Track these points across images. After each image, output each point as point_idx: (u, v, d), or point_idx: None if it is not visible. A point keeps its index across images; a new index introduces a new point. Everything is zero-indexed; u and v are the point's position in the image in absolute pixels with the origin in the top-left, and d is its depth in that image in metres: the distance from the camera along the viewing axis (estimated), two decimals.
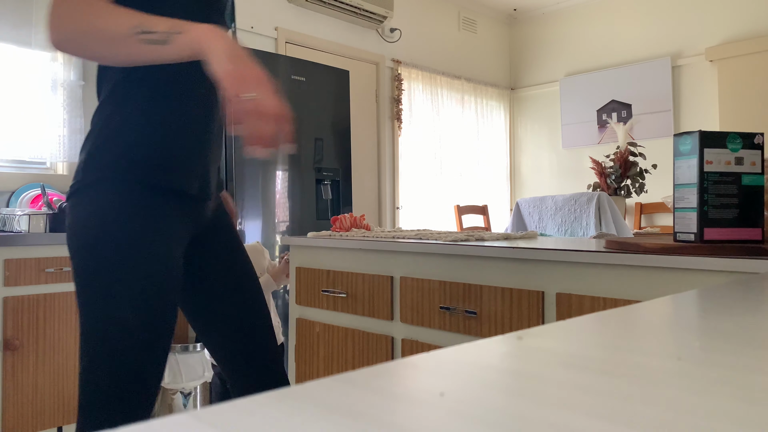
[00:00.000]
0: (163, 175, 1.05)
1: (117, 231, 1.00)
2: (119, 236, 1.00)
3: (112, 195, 1.01)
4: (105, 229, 0.99)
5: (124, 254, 0.99)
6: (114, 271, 0.98)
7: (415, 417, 0.23)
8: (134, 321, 0.99)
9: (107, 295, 0.98)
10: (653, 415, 0.23)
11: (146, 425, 0.22)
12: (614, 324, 0.42)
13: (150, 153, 1.04)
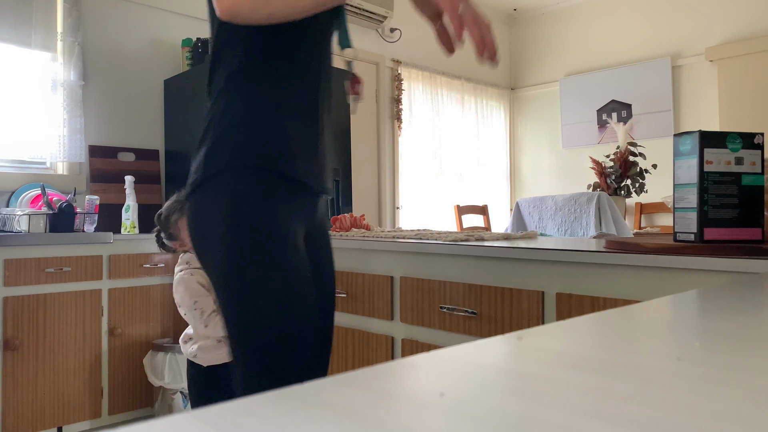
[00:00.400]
0: (285, 164, 1.03)
1: (260, 219, 0.99)
2: (262, 224, 0.99)
3: (244, 184, 0.99)
4: (250, 218, 0.98)
5: (271, 243, 0.99)
6: (265, 259, 0.98)
7: (415, 417, 0.23)
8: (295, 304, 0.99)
9: (264, 281, 0.97)
10: (653, 415, 0.23)
11: (146, 425, 0.22)
12: (614, 324, 0.42)
13: (270, 142, 1.03)
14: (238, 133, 1.02)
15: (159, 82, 3.31)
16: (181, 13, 3.39)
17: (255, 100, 1.03)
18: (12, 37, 2.80)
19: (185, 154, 3.09)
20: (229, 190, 0.99)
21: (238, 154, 1.01)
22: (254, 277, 0.97)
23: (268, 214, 1.00)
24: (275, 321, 0.98)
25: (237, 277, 0.98)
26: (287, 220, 1.02)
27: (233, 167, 1.00)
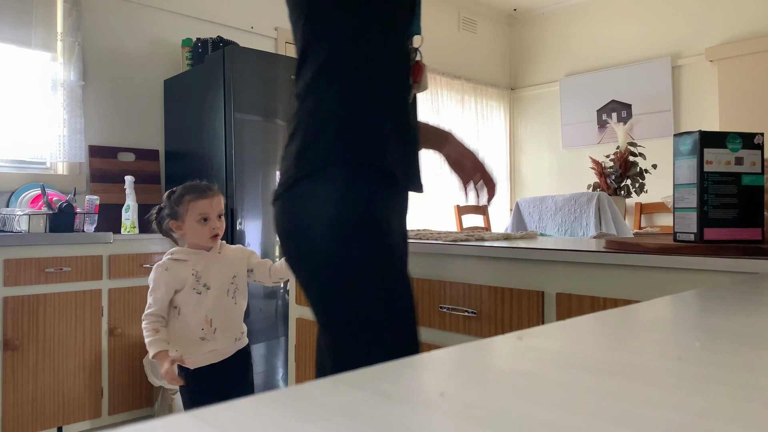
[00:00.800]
0: (384, 161, 1.00)
1: (367, 216, 0.96)
2: (370, 222, 0.96)
3: (346, 181, 0.96)
4: (357, 215, 0.95)
5: (380, 241, 0.97)
6: (376, 258, 0.96)
7: (415, 417, 0.23)
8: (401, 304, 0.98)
9: (378, 281, 0.96)
10: (653, 415, 0.23)
11: (146, 425, 0.22)
12: (614, 324, 0.42)
13: (368, 139, 0.99)
14: (334, 130, 0.98)
15: (159, 82, 3.32)
16: (181, 13, 3.39)
17: (348, 95, 1.00)
18: (12, 37, 2.80)
19: (185, 154, 3.09)
20: (331, 188, 0.96)
21: (337, 151, 0.97)
22: (367, 277, 0.95)
23: (373, 211, 0.97)
24: (390, 318, 0.96)
25: (348, 277, 0.95)
26: (390, 217, 1.00)
27: (333, 164, 0.97)
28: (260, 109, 2.82)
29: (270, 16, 3.80)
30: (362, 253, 0.95)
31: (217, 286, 1.83)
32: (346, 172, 0.97)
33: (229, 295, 1.85)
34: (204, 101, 2.92)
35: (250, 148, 2.77)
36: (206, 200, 1.83)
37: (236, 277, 1.88)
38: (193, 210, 1.82)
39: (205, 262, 1.83)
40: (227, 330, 1.83)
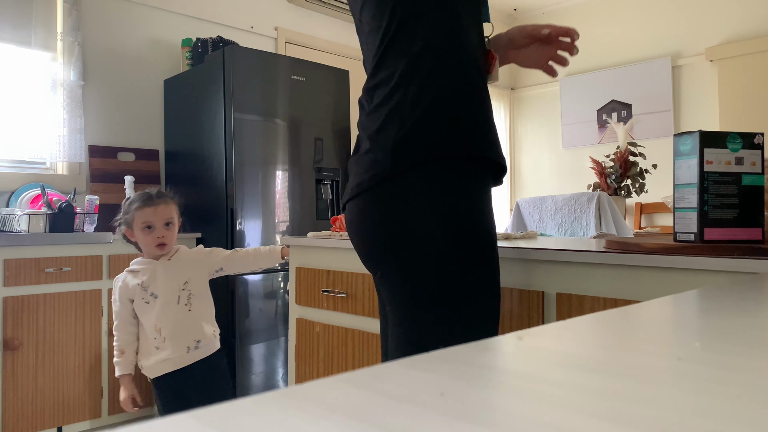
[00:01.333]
0: (495, 153, 0.97)
1: (479, 212, 0.93)
2: (482, 220, 0.93)
3: (453, 176, 0.92)
4: (466, 214, 0.92)
5: (491, 241, 0.94)
6: (487, 258, 0.93)
7: (415, 417, 0.23)
8: (495, 307, 0.95)
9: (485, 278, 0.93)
10: (653, 415, 0.23)
11: (146, 425, 0.22)
12: (614, 324, 0.42)
13: (477, 128, 0.96)
14: (443, 120, 0.93)
15: (159, 82, 3.32)
16: (181, 13, 3.39)
17: (453, 83, 0.95)
18: (12, 37, 2.80)
19: (185, 154, 3.09)
20: (444, 181, 0.91)
21: (450, 142, 0.92)
22: (474, 285, 0.91)
23: (484, 205, 0.94)
24: (488, 331, 0.92)
25: (453, 283, 0.90)
26: (492, 211, 0.97)
27: (444, 157, 0.92)
28: (260, 109, 2.82)
29: (270, 16, 3.80)
30: (477, 248, 0.92)
31: (164, 294, 1.82)
32: (458, 163, 0.92)
33: (180, 302, 1.84)
34: (204, 101, 2.92)
35: (250, 148, 2.77)
36: (150, 208, 1.83)
37: (188, 282, 1.86)
38: (138, 218, 1.83)
39: (152, 271, 1.84)
40: (178, 338, 1.81)
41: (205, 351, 1.85)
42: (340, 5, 4.04)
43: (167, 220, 1.85)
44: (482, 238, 0.94)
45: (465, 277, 0.91)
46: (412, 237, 0.91)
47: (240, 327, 2.68)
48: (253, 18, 3.71)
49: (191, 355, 1.82)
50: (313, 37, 4.03)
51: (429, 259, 0.91)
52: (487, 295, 0.94)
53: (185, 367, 1.81)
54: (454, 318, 0.91)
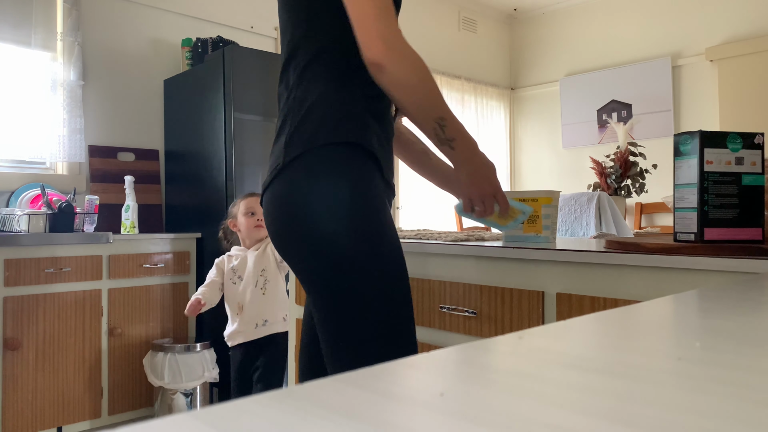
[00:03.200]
0: (368, 143, 1.01)
1: (363, 191, 0.97)
2: (366, 196, 0.96)
3: (339, 158, 0.97)
4: (355, 191, 0.96)
5: (381, 215, 0.98)
6: (375, 231, 0.96)
7: (415, 417, 0.23)
8: (405, 293, 0.98)
9: (385, 266, 0.96)
10: (653, 415, 0.23)
11: (146, 425, 0.22)
12: (614, 324, 0.42)
13: (353, 123, 1.00)
14: (322, 115, 0.99)
15: (159, 82, 3.32)
16: (181, 13, 3.39)
17: (334, 85, 1.02)
18: (12, 37, 2.80)
19: (185, 154, 3.09)
20: (324, 165, 0.96)
21: (327, 131, 0.98)
22: (367, 250, 0.94)
23: (368, 186, 0.98)
24: (397, 309, 0.95)
25: (350, 251, 0.94)
26: (383, 197, 1.01)
27: (323, 144, 0.97)
28: (260, 109, 2.82)
29: (270, 16, 3.80)
30: (363, 226, 0.95)
31: (247, 278, 2.25)
32: (338, 150, 0.97)
33: (258, 285, 2.24)
34: (204, 101, 2.92)
35: (249, 148, 2.77)
36: (254, 198, 2.33)
37: (265, 270, 2.25)
38: (243, 206, 2.31)
39: (243, 258, 2.30)
40: (250, 315, 2.21)
41: (271, 329, 2.21)
42: None
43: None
44: (372, 214, 0.96)
45: (355, 257, 0.94)
46: (301, 224, 0.96)
47: None
48: (253, 18, 3.71)
49: (258, 330, 2.21)
50: None
51: (323, 240, 0.94)
52: (386, 273, 0.95)
53: (253, 340, 2.21)
54: (352, 292, 0.94)
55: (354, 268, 0.94)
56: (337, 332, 0.95)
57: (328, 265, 0.95)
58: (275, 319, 2.21)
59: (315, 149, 0.97)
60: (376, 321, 0.94)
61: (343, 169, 0.96)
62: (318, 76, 1.03)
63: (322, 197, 0.95)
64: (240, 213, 2.30)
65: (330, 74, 1.03)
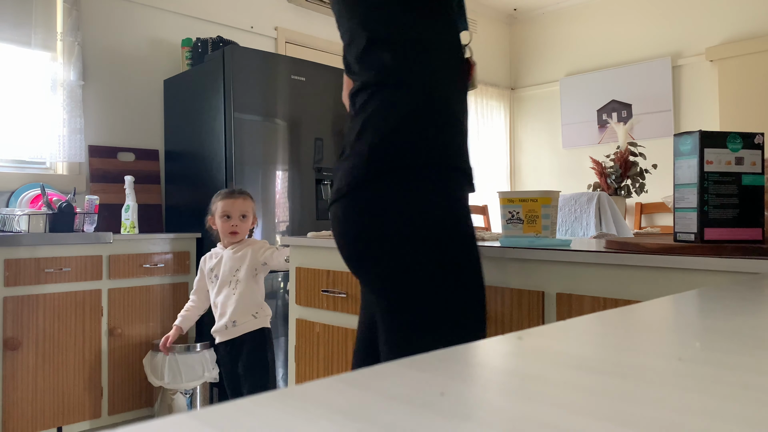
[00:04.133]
0: (466, 163, 0.99)
1: (455, 216, 0.95)
2: (458, 223, 0.95)
3: (434, 182, 0.94)
4: (448, 216, 0.94)
5: (469, 243, 0.96)
6: (466, 260, 0.95)
7: (415, 417, 0.23)
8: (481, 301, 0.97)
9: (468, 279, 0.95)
10: (653, 415, 0.23)
11: (146, 425, 0.22)
12: (614, 324, 0.42)
13: (450, 138, 0.97)
14: (416, 128, 0.95)
15: (159, 82, 3.31)
16: (181, 13, 3.39)
17: (426, 90, 0.97)
18: (12, 37, 2.80)
19: (185, 154, 3.09)
20: (416, 188, 0.93)
21: (421, 151, 0.94)
22: (454, 286, 0.93)
23: (460, 212, 0.96)
24: (474, 332, 0.94)
25: (432, 285, 0.91)
26: (468, 213, 0.99)
27: (417, 165, 0.93)
28: (260, 109, 2.82)
29: (270, 16, 3.80)
30: (454, 251, 0.94)
31: (221, 278, 2.25)
32: (434, 173, 0.94)
33: (230, 286, 2.23)
34: (204, 101, 2.92)
35: (250, 148, 2.77)
36: (230, 200, 2.25)
37: (239, 270, 2.24)
38: (219, 208, 2.25)
39: (219, 257, 2.28)
40: (222, 316, 2.23)
41: (242, 329, 2.22)
42: None
43: (243, 212, 2.25)
44: (458, 241, 0.95)
45: (444, 279, 0.92)
46: (387, 242, 0.93)
47: None
48: (253, 18, 3.71)
49: (229, 332, 2.22)
50: (313, 37, 4.03)
51: (404, 264, 0.92)
52: (470, 295, 0.94)
53: (232, 339, 2.23)
54: (438, 321, 0.92)
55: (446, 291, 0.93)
56: (403, 344, 0.94)
57: (413, 285, 0.93)
58: (244, 320, 2.22)
59: (404, 169, 0.93)
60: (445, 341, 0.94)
61: (434, 191, 0.94)
62: (405, 81, 0.97)
63: (414, 221, 0.92)
64: (217, 214, 2.27)
65: (423, 76, 0.98)
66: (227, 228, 2.24)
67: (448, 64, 1.02)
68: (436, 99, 0.98)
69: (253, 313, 2.24)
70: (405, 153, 0.94)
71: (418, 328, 0.93)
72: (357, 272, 1.00)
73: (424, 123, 0.96)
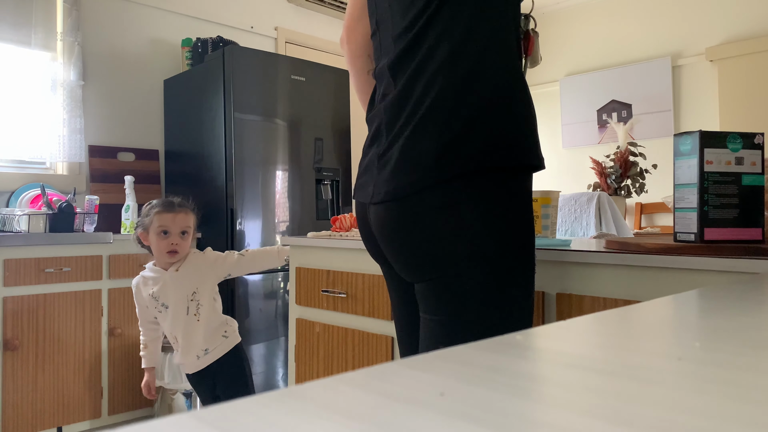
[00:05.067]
0: (538, 160, 0.93)
1: (526, 222, 0.90)
2: (528, 228, 0.91)
3: (500, 185, 0.88)
4: (520, 224, 0.89)
5: (533, 249, 0.92)
6: (531, 266, 0.92)
7: (415, 417, 0.23)
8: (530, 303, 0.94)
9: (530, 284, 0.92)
10: (653, 415, 0.23)
11: (146, 425, 0.22)
12: (614, 324, 0.42)
13: (523, 135, 0.90)
14: (490, 124, 0.87)
15: (159, 82, 3.31)
16: (181, 13, 3.39)
17: (496, 75, 0.87)
18: (12, 37, 2.80)
19: (185, 154, 3.09)
20: (486, 194, 0.87)
21: (498, 150, 0.86)
22: (521, 294, 0.91)
23: (529, 214, 0.92)
24: (528, 316, 0.92)
25: (504, 293, 0.89)
26: (533, 217, 0.95)
27: (485, 169, 0.86)
28: (260, 109, 2.82)
29: (270, 16, 3.80)
30: (524, 257, 0.91)
31: (174, 305, 1.88)
32: (506, 175, 0.89)
33: (189, 312, 1.88)
34: (204, 101, 2.92)
35: (250, 148, 2.77)
36: (170, 214, 1.86)
37: (196, 293, 1.89)
38: (156, 222, 1.85)
39: (162, 282, 1.88)
40: (188, 347, 1.90)
41: (216, 355, 1.92)
42: (340, 5, 4.04)
43: (183, 228, 1.88)
44: (528, 247, 0.92)
45: (515, 286, 0.90)
46: (462, 247, 0.88)
47: (240, 327, 2.68)
48: (253, 18, 3.71)
49: (201, 361, 1.91)
50: (313, 37, 4.03)
51: (480, 270, 0.88)
52: (530, 303, 0.93)
53: (200, 371, 1.92)
54: (502, 327, 0.90)
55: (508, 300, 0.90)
56: (445, 338, 0.91)
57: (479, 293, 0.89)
58: (215, 344, 1.92)
59: (481, 172, 0.86)
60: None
61: (510, 196, 0.89)
62: (473, 68, 0.89)
63: (491, 226, 0.87)
64: (151, 229, 1.87)
65: (488, 62, 0.89)
66: (165, 246, 1.85)
67: (512, 45, 0.93)
68: (505, 92, 0.90)
69: (222, 333, 1.94)
70: (478, 155, 0.87)
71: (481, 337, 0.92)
72: (423, 279, 0.94)
73: (495, 124, 0.88)
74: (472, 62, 0.88)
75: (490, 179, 0.87)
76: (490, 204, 0.88)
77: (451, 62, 0.88)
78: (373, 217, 0.98)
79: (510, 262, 0.90)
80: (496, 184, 0.88)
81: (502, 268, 0.89)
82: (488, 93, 0.88)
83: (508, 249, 0.90)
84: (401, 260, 0.96)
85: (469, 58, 0.89)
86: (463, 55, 0.88)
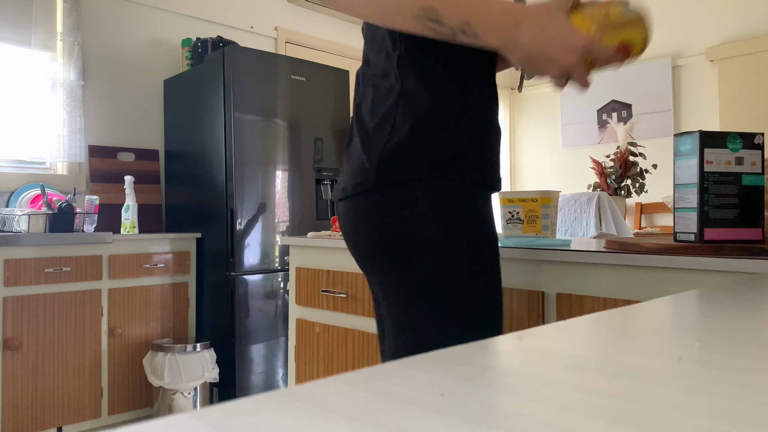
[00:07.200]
0: (495, 179, 0.94)
1: (479, 221, 0.90)
2: (484, 228, 0.90)
3: (453, 185, 0.88)
4: (474, 223, 0.89)
5: (493, 249, 0.91)
6: (490, 266, 0.91)
7: (415, 417, 0.23)
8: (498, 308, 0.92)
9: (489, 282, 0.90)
10: (653, 415, 0.23)
11: (146, 425, 0.22)
12: (614, 324, 0.42)
13: (479, 152, 0.91)
14: (440, 132, 0.88)
15: (159, 82, 3.31)
16: (181, 13, 3.39)
17: (448, 95, 0.89)
18: (12, 37, 2.80)
19: (185, 154, 3.09)
20: (439, 192, 0.88)
21: (446, 162, 0.87)
22: (477, 294, 0.89)
23: (482, 216, 0.91)
24: (497, 325, 0.91)
25: (456, 292, 0.87)
26: (492, 218, 0.94)
27: (442, 178, 0.87)
28: (260, 109, 2.82)
29: (270, 16, 3.80)
30: (480, 256, 0.90)
31: None
32: (460, 188, 0.89)
33: None
34: (204, 101, 2.92)
35: (249, 148, 2.77)
36: None
37: None
38: None
39: None
40: None
41: None
42: None
43: None
44: (484, 246, 0.92)
45: (469, 286, 0.89)
46: (412, 244, 0.88)
47: (240, 327, 2.68)
48: (253, 18, 3.71)
49: None
50: (313, 37, 4.03)
51: (430, 267, 0.88)
52: (490, 304, 0.91)
53: None
54: (457, 328, 0.89)
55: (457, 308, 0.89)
56: (412, 344, 0.90)
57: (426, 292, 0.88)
58: None
59: (432, 180, 0.87)
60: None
61: (462, 194, 0.89)
62: (424, 70, 0.89)
63: (442, 223, 0.87)
64: None
65: (440, 68, 0.89)
66: None
67: (475, 60, 0.92)
68: (470, 93, 0.90)
69: None
70: (429, 163, 0.88)
71: (433, 339, 0.89)
72: (375, 276, 0.95)
73: (455, 126, 0.89)
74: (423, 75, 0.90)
75: (439, 180, 0.88)
76: (440, 200, 0.88)
77: (406, 73, 0.90)
78: (339, 217, 1.01)
79: (461, 262, 0.89)
80: (446, 183, 0.89)
81: (452, 269, 0.88)
82: (435, 105, 0.89)
83: (459, 248, 0.89)
84: (353, 255, 0.98)
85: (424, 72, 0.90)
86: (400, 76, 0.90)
